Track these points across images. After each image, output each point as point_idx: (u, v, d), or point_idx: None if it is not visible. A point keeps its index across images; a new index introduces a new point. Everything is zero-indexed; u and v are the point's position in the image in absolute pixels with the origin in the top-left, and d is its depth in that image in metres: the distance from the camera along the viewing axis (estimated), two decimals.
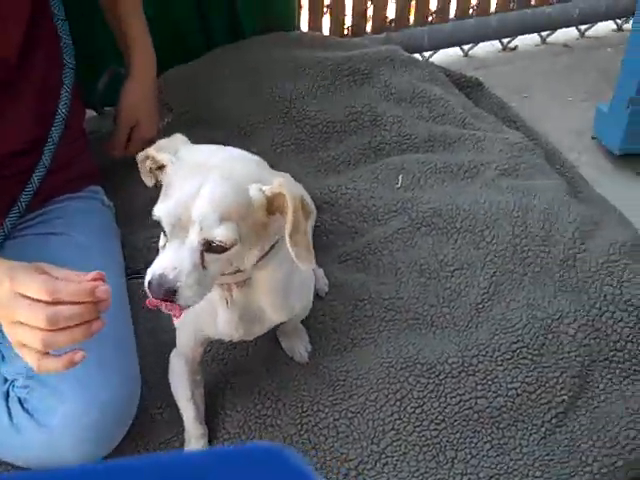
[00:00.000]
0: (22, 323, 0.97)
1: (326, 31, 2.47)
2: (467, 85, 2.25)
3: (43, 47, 1.47)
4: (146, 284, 0.97)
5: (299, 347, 1.48)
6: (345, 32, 2.48)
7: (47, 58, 1.49)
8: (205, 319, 1.22)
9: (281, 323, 1.36)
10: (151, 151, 1.07)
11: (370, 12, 2.48)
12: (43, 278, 0.98)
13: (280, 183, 1.00)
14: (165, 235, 1.00)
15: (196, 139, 1.79)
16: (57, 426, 1.25)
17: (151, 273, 0.97)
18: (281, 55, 2.09)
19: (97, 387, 1.27)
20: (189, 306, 0.99)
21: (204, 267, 0.99)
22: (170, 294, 0.96)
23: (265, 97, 2.00)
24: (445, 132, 1.93)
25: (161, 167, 1.06)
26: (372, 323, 1.52)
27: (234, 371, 1.47)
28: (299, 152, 1.94)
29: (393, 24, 2.50)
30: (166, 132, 1.16)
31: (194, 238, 0.97)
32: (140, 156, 1.09)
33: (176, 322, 1.29)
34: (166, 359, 1.36)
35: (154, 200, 1.02)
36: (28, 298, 0.97)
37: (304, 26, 2.43)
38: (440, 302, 1.55)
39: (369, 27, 2.51)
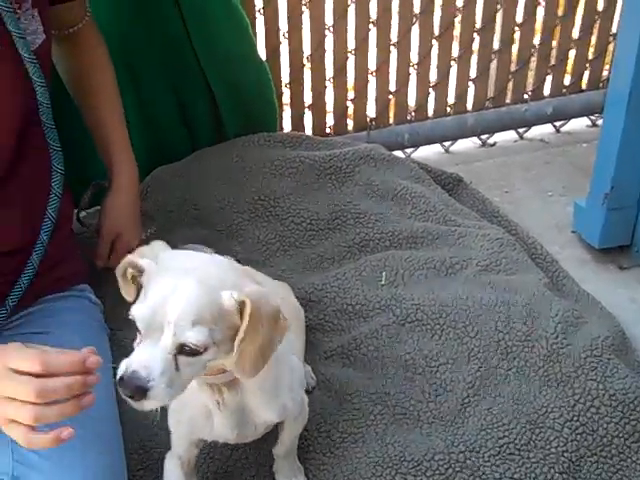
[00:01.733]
0: (11, 398, 0.97)
1: (308, 130, 2.52)
2: (448, 182, 2.30)
3: (32, 154, 1.51)
4: (117, 378, 0.98)
5: None
6: (327, 130, 2.54)
7: (37, 164, 1.52)
8: (199, 422, 1.22)
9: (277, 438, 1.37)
10: (131, 257, 1.09)
11: (350, 111, 2.55)
12: (35, 351, 0.98)
13: (248, 292, 1.01)
14: (140, 334, 1.01)
15: (181, 239, 1.84)
16: None
17: (124, 368, 0.98)
18: (265, 155, 2.14)
19: None
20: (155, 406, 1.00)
21: (177, 369, 0.99)
22: (140, 393, 0.96)
23: (250, 196, 2.04)
24: (427, 228, 1.97)
25: (142, 272, 1.08)
26: (360, 417, 1.53)
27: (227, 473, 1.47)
28: (284, 249, 1.97)
29: (373, 123, 2.56)
30: (149, 241, 1.18)
31: (168, 340, 0.98)
32: (120, 268, 1.11)
33: (171, 425, 1.29)
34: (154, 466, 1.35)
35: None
36: (20, 372, 0.97)
37: (287, 125, 2.49)
38: (426, 397, 1.56)
39: (350, 125, 2.58)
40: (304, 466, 1.46)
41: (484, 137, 2.73)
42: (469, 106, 2.69)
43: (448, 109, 2.65)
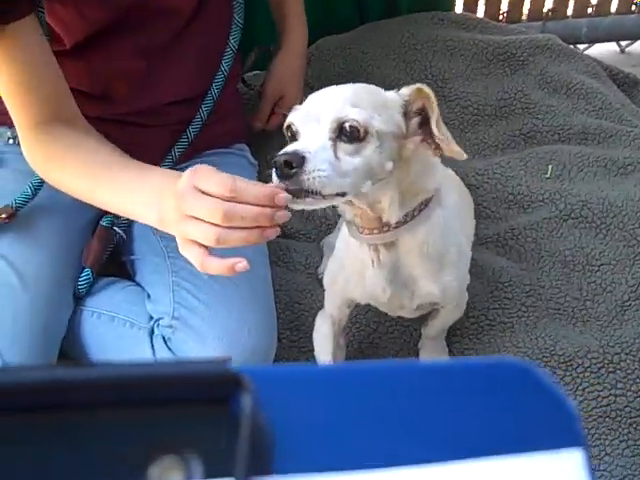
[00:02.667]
0: (196, 218, 0.96)
1: (480, 15, 2.43)
2: (624, 82, 2.18)
3: (214, 5, 1.50)
4: (273, 171, 0.95)
5: None
6: (500, 18, 2.44)
7: (218, 14, 1.52)
8: (353, 281, 1.22)
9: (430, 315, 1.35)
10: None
11: None
12: (227, 175, 0.96)
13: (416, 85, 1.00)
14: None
15: None
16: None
17: (277, 157, 0.94)
18: (436, 34, 2.07)
19: (239, 334, 1.29)
20: (321, 196, 0.94)
21: (336, 157, 0.95)
22: (298, 160, 0.92)
23: (418, 74, 1.99)
24: (600, 126, 1.87)
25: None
26: (512, 306, 1.50)
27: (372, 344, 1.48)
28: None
29: (550, 13, 2.44)
30: None
31: (325, 121, 0.96)
32: (285, 124, 1.06)
33: (326, 284, 1.30)
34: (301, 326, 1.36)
35: None
36: (206, 193, 0.96)
37: (459, 7, 2.39)
38: (583, 295, 1.51)
39: (525, 14, 2.46)
40: (449, 349, 1.46)
41: None
42: None
43: (633, 7, 2.49)
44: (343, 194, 0.97)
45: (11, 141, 1.43)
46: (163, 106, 1.50)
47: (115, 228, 1.43)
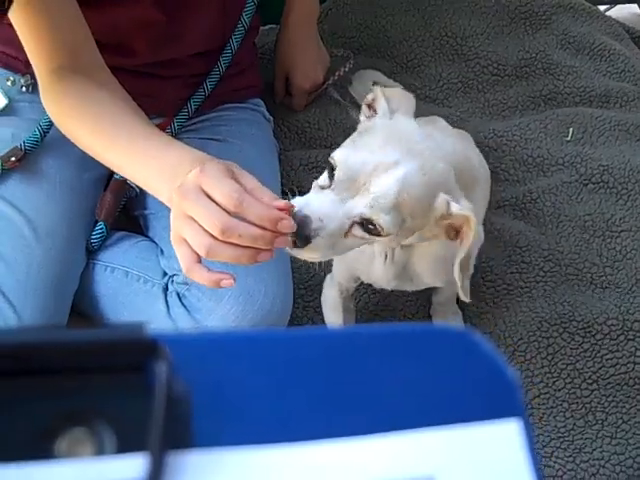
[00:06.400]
0: (195, 221, 0.91)
1: None
2: None
3: None
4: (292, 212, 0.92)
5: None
6: None
7: None
8: (361, 263, 1.19)
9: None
10: (381, 91, 1.01)
11: None
12: (234, 186, 0.91)
13: (470, 210, 0.94)
14: (330, 179, 0.94)
15: (358, 66, 1.78)
16: (212, 326, 1.26)
17: (298, 207, 0.92)
18: None
19: (255, 293, 1.27)
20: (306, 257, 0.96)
21: (345, 235, 0.93)
22: (302, 240, 0.92)
23: (437, 31, 1.94)
24: (623, 89, 1.84)
25: (370, 107, 1.02)
26: (529, 271, 1.48)
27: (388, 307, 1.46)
28: (466, 91, 1.88)
29: None
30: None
31: (357, 207, 0.91)
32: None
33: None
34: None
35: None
36: (210, 199, 0.91)
37: None
38: (603, 261, 1.49)
39: None
40: (463, 312, 1.44)
41: None
42: None
43: None
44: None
45: (24, 89, 1.39)
46: (182, 58, 1.47)
47: (129, 182, 1.41)
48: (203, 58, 1.51)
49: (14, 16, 1.11)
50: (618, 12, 2.46)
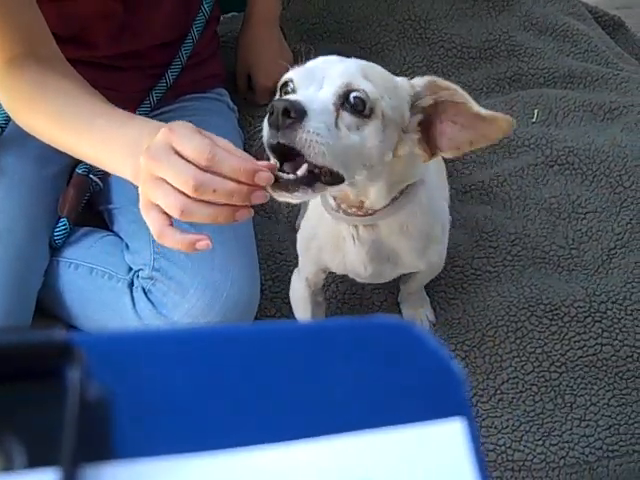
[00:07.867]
0: (165, 181, 0.85)
1: None
2: (609, 24, 2.13)
3: None
4: (265, 121, 0.84)
5: (421, 316, 1.41)
6: None
7: None
8: (328, 252, 1.16)
9: (407, 276, 1.32)
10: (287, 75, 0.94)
11: None
12: (205, 140, 0.85)
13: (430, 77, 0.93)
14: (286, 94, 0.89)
15: (321, 52, 1.77)
16: (179, 321, 1.25)
17: (276, 99, 0.84)
18: None
19: (221, 286, 1.26)
20: (313, 164, 0.84)
21: (336, 125, 0.85)
22: (298, 114, 0.81)
23: (400, 15, 1.93)
24: (586, 69, 1.84)
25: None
26: (497, 255, 1.48)
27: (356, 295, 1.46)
28: (430, 75, 1.86)
29: None
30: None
31: (333, 84, 0.86)
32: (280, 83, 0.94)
33: (299, 250, 1.24)
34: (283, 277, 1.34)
35: None
36: (181, 156, 0.85)
37: None
38: (569, 244, 1.50)
39: None
40: (432, 299, 1.44)
41: None
42: None
43: None
44: (339, 181, 0.88)
45: None
46: (142, 49, 1.45)
47: (91, 176, 1.39)
48: (164, 49, 1.49)
49: None
50: None
